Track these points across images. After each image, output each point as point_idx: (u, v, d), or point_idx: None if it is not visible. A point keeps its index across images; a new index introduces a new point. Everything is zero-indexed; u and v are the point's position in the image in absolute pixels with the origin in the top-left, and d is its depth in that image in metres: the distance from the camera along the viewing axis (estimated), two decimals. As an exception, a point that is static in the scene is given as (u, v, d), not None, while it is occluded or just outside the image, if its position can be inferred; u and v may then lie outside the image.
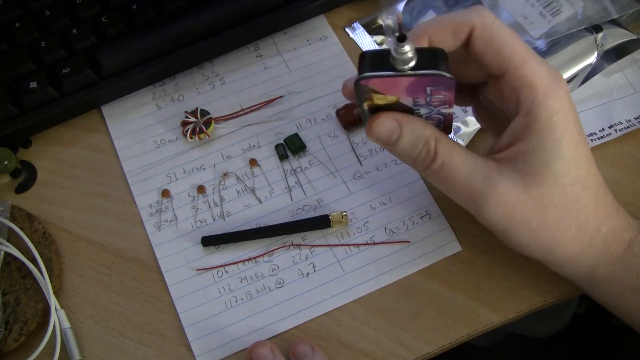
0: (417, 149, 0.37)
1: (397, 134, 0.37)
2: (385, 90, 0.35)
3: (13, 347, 0.43)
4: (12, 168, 0.49)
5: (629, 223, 0.39)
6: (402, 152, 0.38)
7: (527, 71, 0.36)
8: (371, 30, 0.53)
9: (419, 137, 0.37)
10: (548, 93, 0.35)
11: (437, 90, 0.35)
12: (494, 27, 0.36)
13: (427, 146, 0.37)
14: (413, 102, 0.36)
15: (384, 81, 0.35)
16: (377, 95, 0.36)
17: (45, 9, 0.51)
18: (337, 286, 0.44)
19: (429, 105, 0.37)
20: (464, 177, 0.37)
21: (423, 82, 0.34)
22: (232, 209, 0.47)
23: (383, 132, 0.37)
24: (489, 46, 0.36)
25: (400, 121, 0.37)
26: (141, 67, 0.50)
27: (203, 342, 0.43)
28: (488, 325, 0.43)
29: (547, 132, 0.36)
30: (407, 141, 0.37)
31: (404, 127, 0.37)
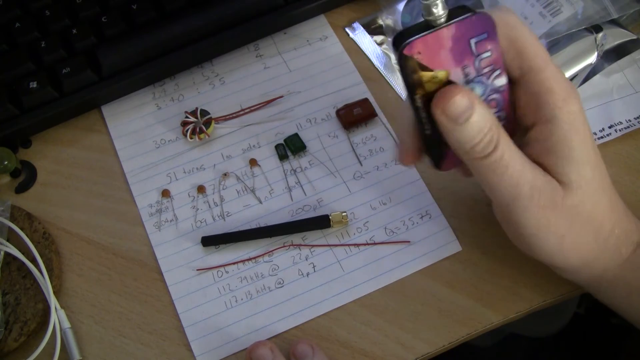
0: (482, 134, 0.34)
1: (469, 112, 0.33)
2: (432, 59, 0.33)
3: (13, 347, 0.43)
4: (12, 168, 0.49)
5: (636, 224, 0.39)
6: (465, 134, 0.34)
7: (547, 75, 0.35)
8: (371, 30, 0.53)
9: (487, 122, 0.34)
10: (567, 98, 0.35)
11: (482, 44, 0.33)
12: (518, 27, 0.35)
13: (492, 134, 0.34)
14: (464, 77, 0.34)
15: (427, 42, 0.32)
16: (426, 75, 0.33)
17: (45, 9, 0.51)
18: (337, 286, 0.44)
19: (480, 75, 0.34)
20: (517, 175, 0.35)
21: (465, 33, 0.32)
22: (232, 209, 0.47)
23: (458, 107, 0.33)
24: (511, 45, 0.35)
25: (472, 100, 0.33)
26: (141, 67, 0.50)
27: (203, 342, 0.43)
28: (488, 325, 0.43)
29: (573, 139, 0.35)
30: (476, 124, 0.34)
31: (476, 108, 0.33)
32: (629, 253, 0.38)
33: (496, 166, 0.35)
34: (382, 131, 0.49)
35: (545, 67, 0.35)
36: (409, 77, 0.33)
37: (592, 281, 0.40)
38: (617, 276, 0.39)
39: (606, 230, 0.38)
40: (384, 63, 0.52)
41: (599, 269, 0.39)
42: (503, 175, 0.35)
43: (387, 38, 0.53)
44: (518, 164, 0.35)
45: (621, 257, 0.38)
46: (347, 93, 0.51)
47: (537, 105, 0.35)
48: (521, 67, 0.35)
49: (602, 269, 0.39)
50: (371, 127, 0.50)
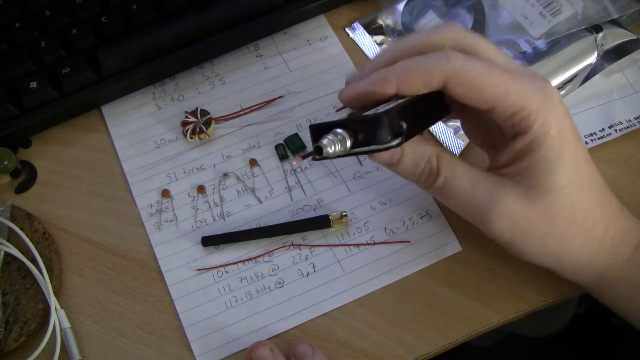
0: (420, 167, 0.37)
1: (398, 155, 0.37)
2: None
3: (13, 347, 0.43)
4: (12, 168, 0.49)
5: (635, 224, 0.39)
6: (404, 171, 0.38)
7: (514, 97, 0.35)
8: (371, 30, 0.53)
9: (421, 155, 0.37)
10: (541, 109, 0.35)
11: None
12: (467, 71, 0.35)
13: (430, 164, 0.37)
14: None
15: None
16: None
17: (45, 9, 0.51)
18: (337, 286, 0.44)
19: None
20: (468, 193, 0.37)
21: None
22: (232, 209, 0.47)
23: (384, 155, 0.37)
24: (468, 90, 0.35)
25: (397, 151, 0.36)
26: (141, 67, 0.50)
27: (203, 342, 0.43)
28: (488, 325, 0.43)
29: (547, 147, 0.35)
30: (409, 161, 0.37)
31: (405, 147, 0.37)
32: (628, 253, 0.38)
33: (445, 190, 0.37)
34: (382, 131, 0.49)
35: (508, 92, 0.35)
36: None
37: (592, 282, 0.40)
38: (618, 277, 0.39)
39: (599, 231, 0.38)
40: (384, 63, 0.52)
41: (597, 269, 0.39)
42: (453, 197, 0.38)
43: (387, 38, 0.53)
44: (467, 183, 0.37)
45: (620, 257, 0.38)
46: (347, 93, 0.51)
47: (513, 123, 0.36)
48: (486, 102, 0.35)
49: (601, 270, 0.39)
50: (371, 127, 0.50)
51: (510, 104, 0.35)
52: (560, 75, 0.48)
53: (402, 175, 0.38)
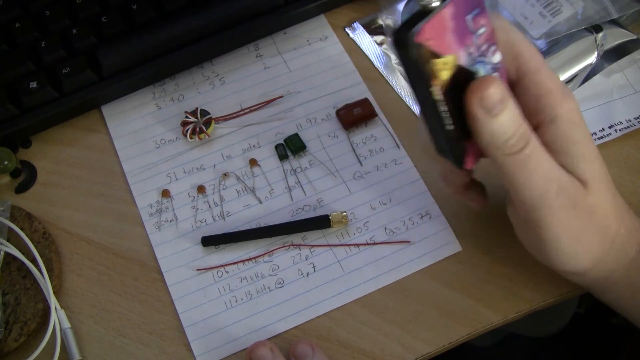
0: (516, 127, 0.33)
1: (502, 105, 0.32)
2: (440, 43, 0.31)
3: (13, 347, 0.43)
4: (12, 168, 0.49)
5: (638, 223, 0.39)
6: (499, 127, 0.33)
7: (544, 76, 0.35)
8: (371, 30, 0.53)
9: (517, 116, 0.33)
10: (564, 96, 0.35)
11: (477, 20, 0.32)
12: (512, 32, 0.36)
13: (524, 128, 0.33)
14: (469, 57, 0.33)
15: (434, 26, 0.30)
16: (438, 63, 0.31)
17: (45, 9, 0.51)
18: (337, 286, 0.44)
19: (481, 54, 0.33)
20: (546, 172, 0.34)
21: (461, 10, 0.31)
22: (232, 209, 0.47)
23: (493, 98, 0.32)
24: (508, 50, 0.35)
25: (505, 92, 0.33)
26: (141, 67, 0.50)
27: (203, 342, 0.43)
28: (488, 325, 0.43)
29: (577, 136, 0.35)
30: (510, 116, 0.33)
31: (509, 102, 0.33)
32: (634, 252, 0.38)
33: (528, 161, 0.34)
34: (382, 131, 0.49)
35: (541, 69, 0.35)
36: (422, 68, 0.31)
37: (597, 283, 0.40)
38: (623, 276, 0.39)
39: (613, 230, 0.37)
40: (384, 63, 0.52)
41: (605, 270, 0.38)
42: (534, 172, 0.34)
43: (387, 38, 0.53)
44: (547, 161, 0.34)
45: (627, 256, 0.38)
46: (347, 93, 0.51)
47: (537, 106, 0.35)
48: (518, 70, 0.36)
49: (609, 270, 0.38)
50: (371, 127, 0.50)
51: (538, 80, 0.35)
52: (560, 75, 0.48)
53: (494, 132, 0.33)
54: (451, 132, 0.34)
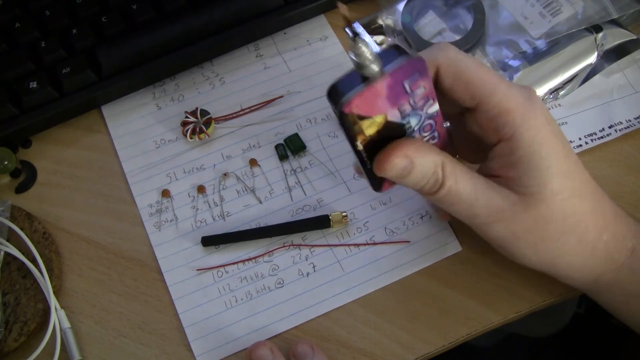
0: (426, 179, 0.37)
1: (408, 170, 0.36)
2: (369, 109, 0.34)
3: (13, 347, 0.43)
4: (12, 168, 0.49)
5: (630, 228, 0.39)
6: (411, 184, 0.37)
7: (500, 97, 0.36)
8: (371, 30, 0.53)
9: (428, 168, 0.36)
10: (525, 113, 0.35)
11: (416, 83, 0.34)
12: (459, 61, 0.36)
13: (435, 175, 0.36)
14: (400, 115, 0.35)
15: (364, 97, 0.33)
16: (365, 123, 0.34)
17: (45, 9, 0.51)
18: (337, 286, 0.44)
19: (416, 109, 0.35)
20: (469, 201, 0.37)
21: (400, 78, 0.33)
22: (232, 209, 0.47)
23: (396, 171, 0.36)
24: (457, 81, 0.36)
25: (410, 155, 0.36)
26: (141, 67, 0.50)
27: (203, 342, 0.43)
28: (488, 325, 0.43)
29: (535, 154, 0.36)
30: (418, 174, 0.36)
31: (415, 162, 0.36)
32: (624, 258, 0.38)
33: (446, 199, 0.37)
34: (382, 131, 0.49)
35: (494, 90, 0.36)
36: (349, 129, 0.34)
37: (588, 286, 0.40)
38: (613, 282, 0.39)
39: (592, 236, 0.38)
40: (384, 63, 0.52)
41: (591, 274, 0.39)
42: (456, 205, 0.37)
43: (387, 38, 0.53)
44: (469, 191, 0.37)
45: (615, 262, 0.38)
46: (347, 93, 0.51)
47: (496, 126, 0.36)
48: (472, 97, 0.36)
49: (596, 275, 0.39)
50: (371, 127, 0.50)
51: (495, 102, 0.36)
52: (560, 75, 0.48)
53: (408, 187, 0.38)
54: (369, 169, 0.37)
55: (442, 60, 0.36)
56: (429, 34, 0.51)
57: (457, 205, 0.37)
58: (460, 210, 0.38)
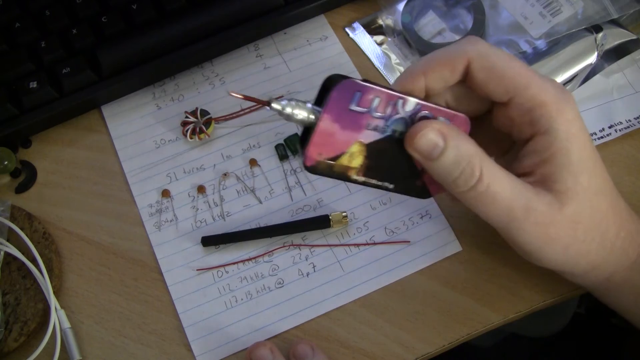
0: (460, 167, 0.34)
1: (439, 148, 0.34)
2: (335, 148, 0.33)
3: (13, 347, 0.43)
4: (12, 168, 0.49)
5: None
6: (442, 169, 0.34)
7: (534, 90, 0.35)
8: (371, 30, 0.53)
9: (464, 154, 0.34)
10: (561, 107, 0.35)
11: (363, 100, 0.33)
12: (491, 54, 0.35)
13: (472, 165, 0.34)
14: (377, 131, 0.34)
15: (317, 143, 0.33)
16: (343, 160, 0.34)
17: (45, 9, 0.51)
18: (337, 286, 0.44)
19: (390, 118, 0.34)
20: (507, 200, 0.35)
21: (340, 107, 0.33)
22: (232, 209, 0.47)
23: (424, 145, 0.34)
24: (490, 74, 0.35)
25: (444, 134, 0.34)
26: (141, 67, 0.50)
27: (203, 342, 0.43)
28: (488, 325, 0.43)
29: (570, 147, 0.35)
30: (451, 158, 0.34)
31: (449, 142, 0.34)
32: (636, 255, 0.38)
33: (484, 197, 0.35)
34: (382, 131, 0.49)
35: (529, 83, 0.35)
36: (331, 175, 0.34)
37: (599, 284, 0.40)
38: (625, 279, 0.39)
39: (612, 234, 0.37)
40: (384, 63, 0.52)
41: (607, 272, 0.39)
42: (492, 205, 0.35)
43: (387, 38, 0.53)
44: (507, 190, 0.35)
45: (629, 259, 0.38)
46: (347, 93, 0.51)
47: (531, 120, 0.35)
48: (507, 90, 0.35)
49: (610, 272, 0.39)
50: (371, 127, 0.50)
51: (530, 96, 0.35)
52: (560, 75, 0.48)
53: (438, 174, 0.35)
54: (395, 189, 0.37)
55: (473, 54, 0.35)
56: (429, 34, 0.51)
57: (494, 206, 0.35)
58: (496, 212, 0.35)
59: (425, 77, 0.36)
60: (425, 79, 0.36)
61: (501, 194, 0.34)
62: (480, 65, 0.35)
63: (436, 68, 0.36)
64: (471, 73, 0.35)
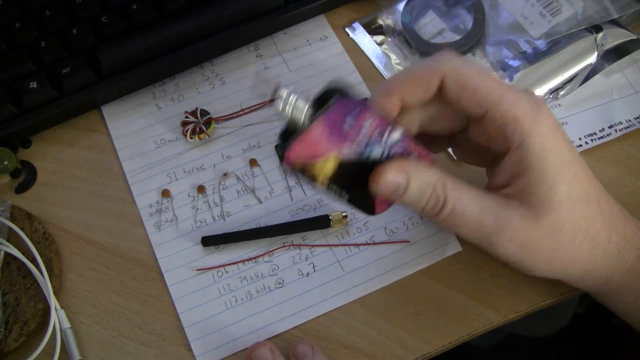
0: (426, 197, 0.36)
1: (403, 186, 0.35)
2: (314, 152, 0.34)
3: (13, 347, 0.43)
4: (12, 168, 0.49)
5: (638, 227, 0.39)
6: (409, 202, 0.36)
7: (507, 105, 0.35)
8: (371, 30, 0.53)
9: (426, 184, 0.35)
10: (533, 120, 0.35)
11: (358, 118, 0.34)
12: (465, 70, 0.35)
13: (435, 193, 0.36)
14: (356, 150, 0.35)
15: (303, 144, 0.33)
16: (317, 165, 0.34)
17: (45, 9, 0.51)
18: (337, 286, 0.44)
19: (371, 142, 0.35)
20: (476, 219, 0.36)
21: (336, 119, 0.34)
22: (232, 209, 0.47)
23: (389, 187, 0.35)
24: (463, 90, 0.35)
25: (406, 171, 0.35)
26: (141, 67, 0.50)
27: (203, 342, 0.43)
28: (488, 325, 0.43)
29: (544, 160, 0.35)
30: (415, 191, 0.35)
31: (411, 177, 0.35)
32: (633, 258, 0.38)
33: (452, 219, 0.36)
34: (382, 131, 0.49)
35: (501, 98, 0.35)
36: (302, 176, 0.35)
37: (597, 288, 0.40)
38: (623, 283, 0.39)
39: (602, 238, 0.37)
40: (384, 63, 0.52)
41: (602, 276, 0.39)
42: (461, 224, 0.36)
43: (387, 38, 0.53)
44: (474, 209, 0.36)
45: (625, 262, 0.38)
46: (347, 93, 0.51)
47: (505, 135, 0.36)
48: (480, 105, 0.36)
49: (607, 276, 0.38)
50: (371, 127, 0.50)
51: (502, 111, 0.35)
52: (560, 75, 0.48)
53: (407, 206, 0.37)
54: (349, 200, 0.38)
55: (447, 69, 0.35)
56: (429, 34, 0.51)
57: (464, 226, 0.36)
58: (468, 231, 0.37)
59: (401, 93, 0.36)
60: (401, 94, 0.36)
61: (468, 212, 0.36)
62: (454, 80, 0.35)
63: (411, 84, 0.36)
64: (445, 88, 0.36)
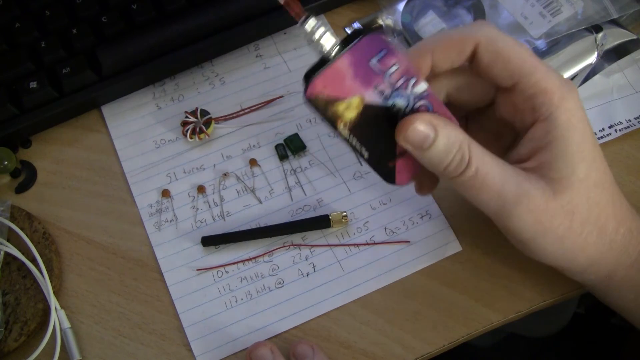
0: (452, 154, 0.35)
1: (431, 138, 0.35)
2: (339, 90, 0.33)
3: (13, 347, 0.43)
4: (12, 168, 0.49)
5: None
6: (434, 157, 0.35)
7: (539, 77, 0.35)
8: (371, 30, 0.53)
9: (454, 141, 0.35)
10: (562, 96, 0.35)
11: (384, 61, 0.33)
12: (500, 39, 0.36)
13: (461, 152, 0.35)
14: (380, 96, 0.34)
15: (327, 77, 0.32)
16: (340, 106, 0.34)
17: (45, 9, 0.51)
18: (337, 286, 0.44)
19: (397, 90, 0.34)
20: (498, 185, 0.35)
21: (362, 56, 0.33)
22: (232, 209, 0.47)
23: (416, 137, 0.35)
24: (497, 58, 0.36)
25: (435, 124, 0.35)
26: (141, 67, 0.50)
27: (203, 342, 0.43)
28: (488, 325, 0.43)
29: (569, 136, 0.35)
30: (442, 146, 0.35)
31: (439, 131, 0.35)
32: (636, 254, 0.38)
33: (473, 182, 0.35)
34: (382, 131, 0.49)
35: (534, 69, 0.35)
36: (324, 114, 0.34)
37: (599, 282, 0.40)
38: (625, 278, 0.38)
39: (611, 228, 0.37)
40: (384, 63, 0.52)
41: (606, 269, 0.38)
42: (482, 189, 0.35)
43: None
44: (497, 174, 0.35)
45: (629, 257, 0.38)
46: (347, 93, 0.51)
47: (533, 106, 0.36)
48: (511, 75, 0.36)
49: (610, 270, 0.38)
50: (371, 127, 0.50)
51: (534, 82, 0.35)
52: (560, 75, 0.48)
53: (430, 162, 0.36)
54: (369, 159, 0.37)
55: (482, 37, 0.35)
56: (429, 34, 0.51)
57: (484, 191, 0.35)
58: (487, 198, 0.36)
59: (432, 55, 0.36)
60: (432, 56, 0.36)
61: (490, 177, 0.35)
62: (488, 48, 0.36)
63: (445, 47, 0.36)
64: (478, 56, 0.36)
